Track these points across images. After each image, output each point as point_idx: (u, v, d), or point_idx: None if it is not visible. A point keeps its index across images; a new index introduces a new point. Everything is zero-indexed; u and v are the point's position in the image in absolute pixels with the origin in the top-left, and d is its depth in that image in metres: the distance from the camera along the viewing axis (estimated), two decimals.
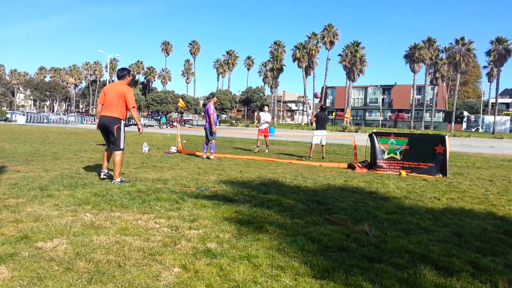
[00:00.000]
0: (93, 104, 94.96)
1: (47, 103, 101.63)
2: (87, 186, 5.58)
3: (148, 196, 5.07)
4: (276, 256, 3.07)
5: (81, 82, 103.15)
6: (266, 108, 14.54)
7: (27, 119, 43.38)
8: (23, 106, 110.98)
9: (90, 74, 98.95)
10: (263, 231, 3.72)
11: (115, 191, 5.24)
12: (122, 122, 6.13)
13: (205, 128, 10.53)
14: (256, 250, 3.17)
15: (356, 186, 6.70)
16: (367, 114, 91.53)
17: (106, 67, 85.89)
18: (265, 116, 13.84)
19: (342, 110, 73.37)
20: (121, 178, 6.08)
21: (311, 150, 11.56)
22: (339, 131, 55.73)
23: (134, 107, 6.19)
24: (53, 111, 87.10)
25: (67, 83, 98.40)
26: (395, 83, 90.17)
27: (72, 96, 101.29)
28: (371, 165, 9.36)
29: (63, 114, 60.52)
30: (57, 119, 48.06)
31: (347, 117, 11.99)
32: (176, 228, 3.73)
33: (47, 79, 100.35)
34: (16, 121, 42.51)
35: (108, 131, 6.11)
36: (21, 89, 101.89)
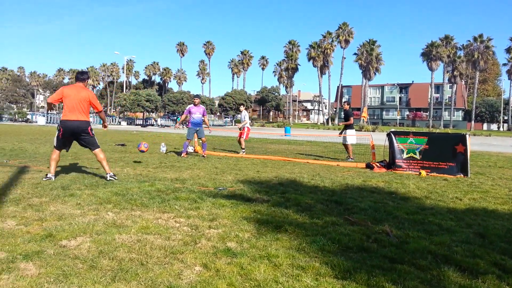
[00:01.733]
0: (111, 105, 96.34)
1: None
2: (108, 185, 5.67)
3: (167, 195, 5.13)
4: (296, 256, 3.07)
5: (98, 83, 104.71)
6: (241, 107, 13.58)
7: (47, 120, 44.36)
8: (43, 107, 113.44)
9: (108, 76, 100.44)
10: (282, 231, 3.71)
11: (135, 191, 5.31)
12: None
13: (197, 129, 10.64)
14: (276, 250, 3.16)
15: (375, 186, 6.63)
16: (384, 113, 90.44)
17: (122, 68, 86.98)
18: (241, 116, 13.13)
19: (359, 109, 72.65)
20: (112, 174, 6.25)
21: (350, 151, 11.23)
22: (356, 130, 55.29)
23: (101, 110, 6.59)
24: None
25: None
26: (412, 81, 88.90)
27: None
28: (390, 164, 9.25)
29: None
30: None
31: (364, 116, 11.85)
32: (196, 227, 3.75)
33: (66, 80, 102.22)
34: (36, 122, 43.53)
35: (82, 134, 6.18)
36: (40, 90, 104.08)
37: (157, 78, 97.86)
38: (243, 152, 12.06)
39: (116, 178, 6.24)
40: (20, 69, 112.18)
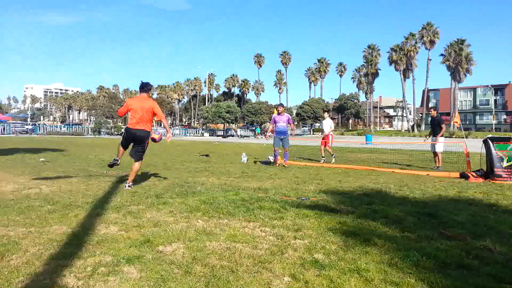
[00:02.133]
0: (194, 117, 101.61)
1: (155, 118, 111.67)
2: (196, 194, 5.96)
3: (251, 204, 5.23)
4: (389, 271, 2.92)
5: (183, 97, 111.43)
6: (325, 114, 13.76)
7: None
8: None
9: (191, 90, 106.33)
10: (371, 244, 3.57)
11: (221, 199, 5.50)
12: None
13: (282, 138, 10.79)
14: (366, 264, 3.05)
15: (472, 198, 6.09)
16: (477, 117, 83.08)
17: (204, 82, 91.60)
18: (324, 123, 13.20)
19: (448, 114, 67.56)
20: (130, 184, 6.53)
21: (440, 160, 10.72)
22: (446, 137, 51.44)
23: (163, 118, 6.94)
24: (160, 125, 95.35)
25: (171, 99, 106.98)
26: (509, 82, 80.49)
27: (176, 110, 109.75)
28: (488, 174, 8.43)
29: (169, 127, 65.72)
30: (164, 132, 52.40)
31: (456, 122, 10.98)
32: (281, 237, 3.77)
33: (155, 96, 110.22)
34: None
35: (140, 142, 6.66)
36: None
37: (236, 90, 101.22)
38: (334, 158, 12.43)
39: (131, 187, 6.45)
40: (115, 87, 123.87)
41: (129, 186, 6.48)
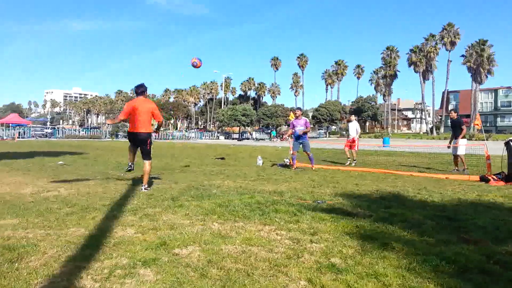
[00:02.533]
0: (210, 120, 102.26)
1: (171, 121, 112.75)
2: (212, 197, 5.97)
3: (267, 207, 5.21)
4: (407, 276, 2.86)
5: (199, 101, 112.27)
6: (352, 117, 13.69)
7: (155, 136, 48.66)
8: (152, 125, 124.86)
9: (208, 93, 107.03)
10: (389, 248, 3.50)
11: (237, 202, 5.50)
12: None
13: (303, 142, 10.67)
14: (384, 268, 2.99)
15: (492, 201, 5.93)
16: (498, 119, 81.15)
17: (221, 85, 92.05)
18: (350, 126, 13.08)
19: (468, 116, 66.15)
20: (146, 186, 6.62)
21: (464, 163, 10.59)
22: (467, 139, 50.34)
23: (161, 121, 7.21)
24: (176, 128, 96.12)
25: (188, 102, 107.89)
26: None
27: (192, 114, 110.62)
28: (509, 177, 8.21)
29: (184, 130, 66.45)
30: (180, 135, 52.91)
31: (477, 124, 10.72)
32: (297, 241, 3.74)
33: (171, 99, 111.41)
34: None
35: (142, 144, 6.85)
36: None
37: (252, 93, 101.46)
38: (355, 162, 12.31)
39: (148, 189, 6.56)
40: (132, 91, 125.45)
41: (145, 189, 6.55)
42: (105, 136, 49.62)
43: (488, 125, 79.14)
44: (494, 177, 8.33)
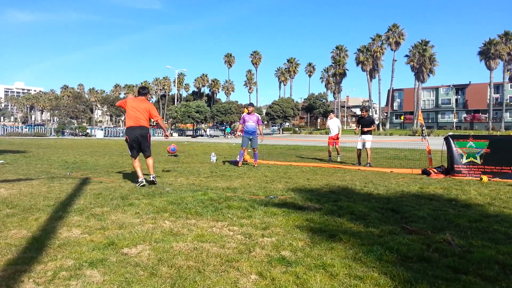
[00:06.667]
0: (163, 117, 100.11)
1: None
2: (163, 195, 5.87)
3: (219, 204, 5.21)
4: (353, 265, 2.99)
5: (152, 97, 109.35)
6: (332, 115, 14.37)
7: (105, 134, 46.93)
8: (101, 121, 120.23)
9: (160, 89, 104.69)
10: (337, 239, 3.64)
11: (189, 200, 5.45)
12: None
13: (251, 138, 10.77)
14: (332, 259, 3.10)
15: (433, 193, 6.33)
16: (439, 116, 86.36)
17: (174, 81, 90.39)
18: (331, 123, 13.63)
19: (411, 113, 69.96)
20: (154, 175, 7.10)
21: (370, 157, 11.38)
22: (409, 135, 53.22)
23: (160, 119, 7.49)
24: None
25: None
26: (470, 82, 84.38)
27: None
28: (448, 170, 8.79)
29: None
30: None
31: (420, 120, 11.44)
32: (249, 236, 3.78)
33: (122, 95, 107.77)
34: (95, 135, 46.15)
35: (142, 139, 7.05)
36: (98, 105, 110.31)
37: (206, 90, 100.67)
38: (339, 156, 13.11)
39: (155, 179, 7.02)
40: (80, 86, 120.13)
41: (153, 178, 7.01)
42: (50, 134, 47.03)
43: (430, 121, 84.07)
44: (434, 170, 8.87)
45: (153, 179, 6.99)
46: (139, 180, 6.83)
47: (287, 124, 78.52)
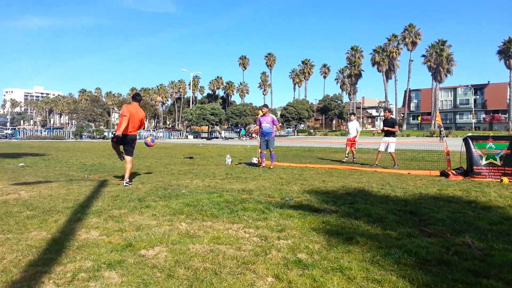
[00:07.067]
0: (178, 120, 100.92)
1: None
2: (180, 197, 5.91)
3: (235, 206, 5.22)
4: (371, 268, 2.95)
5: (167, 100, 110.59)
6: (352, 117, 14.20)
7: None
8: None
9: (175, 92, 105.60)
10: (354, 242, 3.60)
11: (205, 202, 5.48)
12: None
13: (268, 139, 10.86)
14: (349, 262, 3.07)
15: (452, 195, 6.21)
16: (457, 116, 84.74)
17: (189, 84, 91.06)
18: (350, 125, 13.54)
19: (429, 113, 68.88)
20: (128, 181, 7.27)
21: (395, 159, 11.29)
22: (426, 136, 52.40)
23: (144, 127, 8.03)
24: (143, 128, 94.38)
25: (155, 102, 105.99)
26: (488, 81, 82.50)
27: (160, 113, 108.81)
28: (467, 172, 8.61)
29: (152, 130, 65.26)
30: (147, 135, 51.86)
31: (438, 120, 11.27)
32: (265, 238, 3.77)
33: None
34: None
35: (130, 144, 7.52)
36: (115, 109, 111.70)
37: (220, 92, 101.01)
38: (354, 159, 12.84)
39: (131, 184, 7.19)
40: (97, 90, 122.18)
41: (127, 183, 7.13)
42: (69, 137, 47.95)
43: (448, 122, 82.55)
44: (453, 172, 8.71)
45: (126, 184, 7.13)
46: (119, 156, 7.72)
47: (302, 125, 78.17)
